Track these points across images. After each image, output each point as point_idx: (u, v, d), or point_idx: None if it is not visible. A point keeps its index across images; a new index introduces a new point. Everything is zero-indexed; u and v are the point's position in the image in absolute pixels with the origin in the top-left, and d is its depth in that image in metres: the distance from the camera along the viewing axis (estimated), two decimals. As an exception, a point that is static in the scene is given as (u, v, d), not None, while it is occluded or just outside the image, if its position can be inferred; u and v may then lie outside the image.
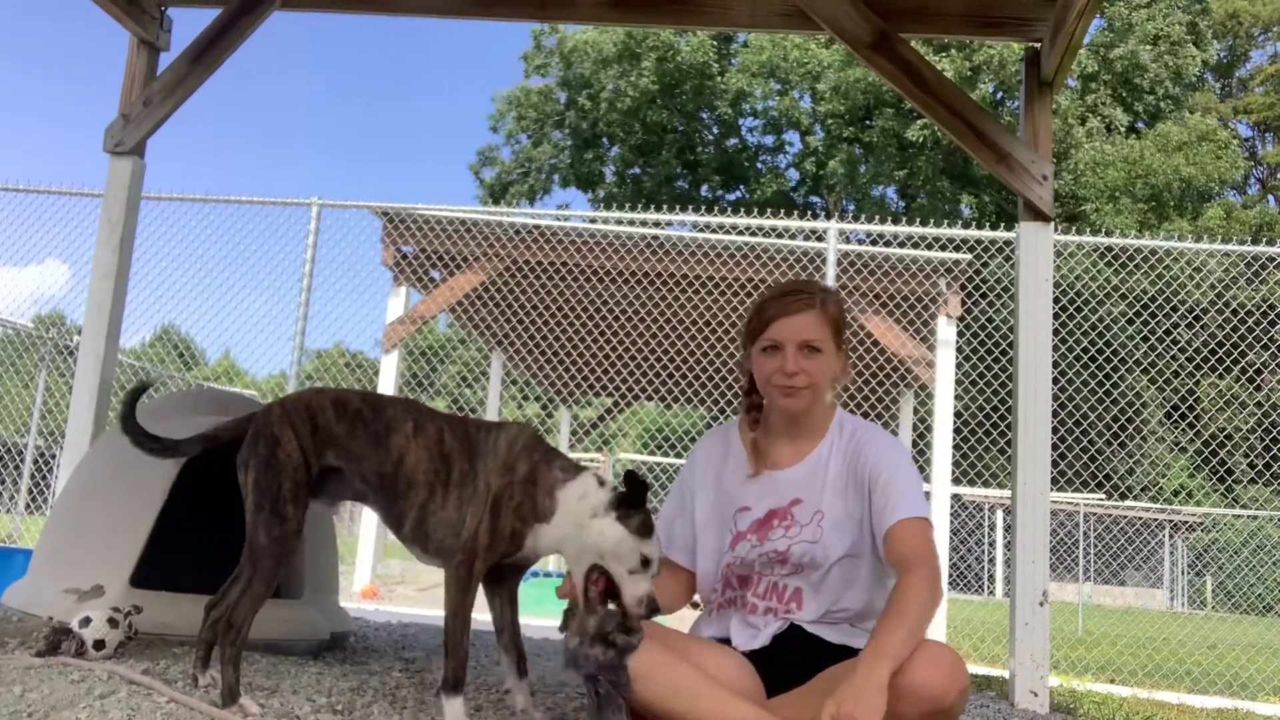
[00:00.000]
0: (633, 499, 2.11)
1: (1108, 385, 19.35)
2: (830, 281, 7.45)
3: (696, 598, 2.48)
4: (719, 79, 32.67)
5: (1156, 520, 22.79)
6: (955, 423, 8.28)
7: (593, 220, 9.66)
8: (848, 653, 2.16)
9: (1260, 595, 19.98)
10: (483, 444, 2.28)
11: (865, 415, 11.63)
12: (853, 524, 2.25)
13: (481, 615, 2.29)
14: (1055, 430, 4.27)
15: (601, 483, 2.18)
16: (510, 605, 2.39)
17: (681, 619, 2.41)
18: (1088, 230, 24.37)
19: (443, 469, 2.25)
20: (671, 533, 2.44)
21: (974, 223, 8.95)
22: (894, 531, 2.16)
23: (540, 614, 6.33)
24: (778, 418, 2.37)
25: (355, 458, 2.26)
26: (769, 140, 35.93)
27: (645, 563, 2.10)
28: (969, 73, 28.44)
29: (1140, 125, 31.95)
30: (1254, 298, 17.87)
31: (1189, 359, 20.17)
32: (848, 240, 8.31)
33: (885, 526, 2.18)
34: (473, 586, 2.20)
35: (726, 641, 2.30)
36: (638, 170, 35.18)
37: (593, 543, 2.11)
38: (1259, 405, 24.01)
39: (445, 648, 2.20)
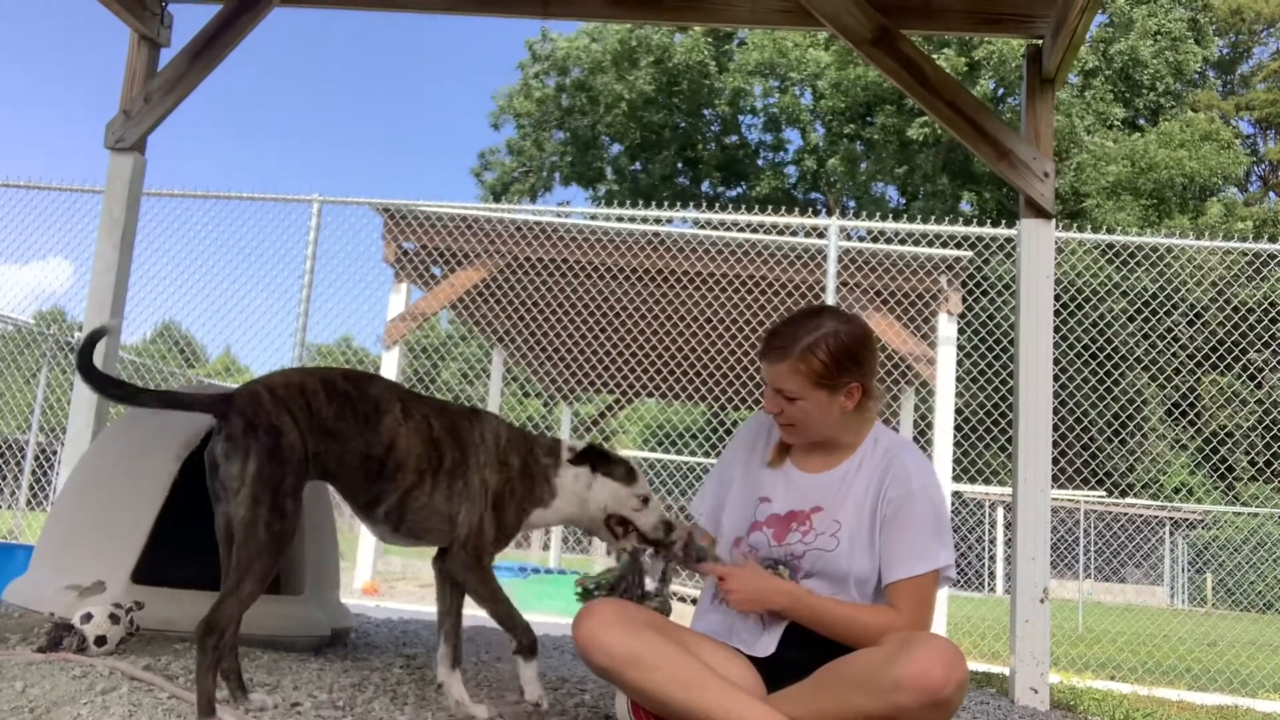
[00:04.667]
0: (604, 456, 2.42)
1: (1109, 382, 19.36)
2: (831, 279, 7.44)
3: None
4: (716, 77, 32.68)
5: (1157, 517, 22.79)
6: (956, 420, 8.28)
7: (593, 217, 9.65)
8: (848, 649, 2.16)
9: (1260, 593, 19.97)
10: (468, 434, 2.33)
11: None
12: (868, 544, 2.26)
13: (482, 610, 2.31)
14: (1056, 427, 4.27)
15: (574, 455, 2.42)
16: (458, 593, 2.43)
17: (683, 614, 2.41)
18: (1089, 227, 24.35)
19: (434, 456, 2.26)
20: (706, 501, 2.51)
21: (975, 219, 8.94)
22: (894, 589, 2.23)
23: (540, 610, 6.34)
24: None
25: (340, 439, 2.17)
26: (769, 137, 35.95)
27: (644, 500, 2.40)
28: (966, 69, 28.40)
29: (1141, 121, 31.92)
30: (1255, 295, 17.86)
31: (1190, 356, 20.17)
32: (849, 237, 8.30)
33: (889, 578, 2.23)
34: (490, 572, 2.34)
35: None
36: (638, 167, 35.18)
37: (597, 503, 2.40)
38: (1259, 403, 23.99)
39: (505, 625, 2.34)
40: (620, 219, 8.78)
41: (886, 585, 2.23)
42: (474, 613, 2.46)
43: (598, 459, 2.43)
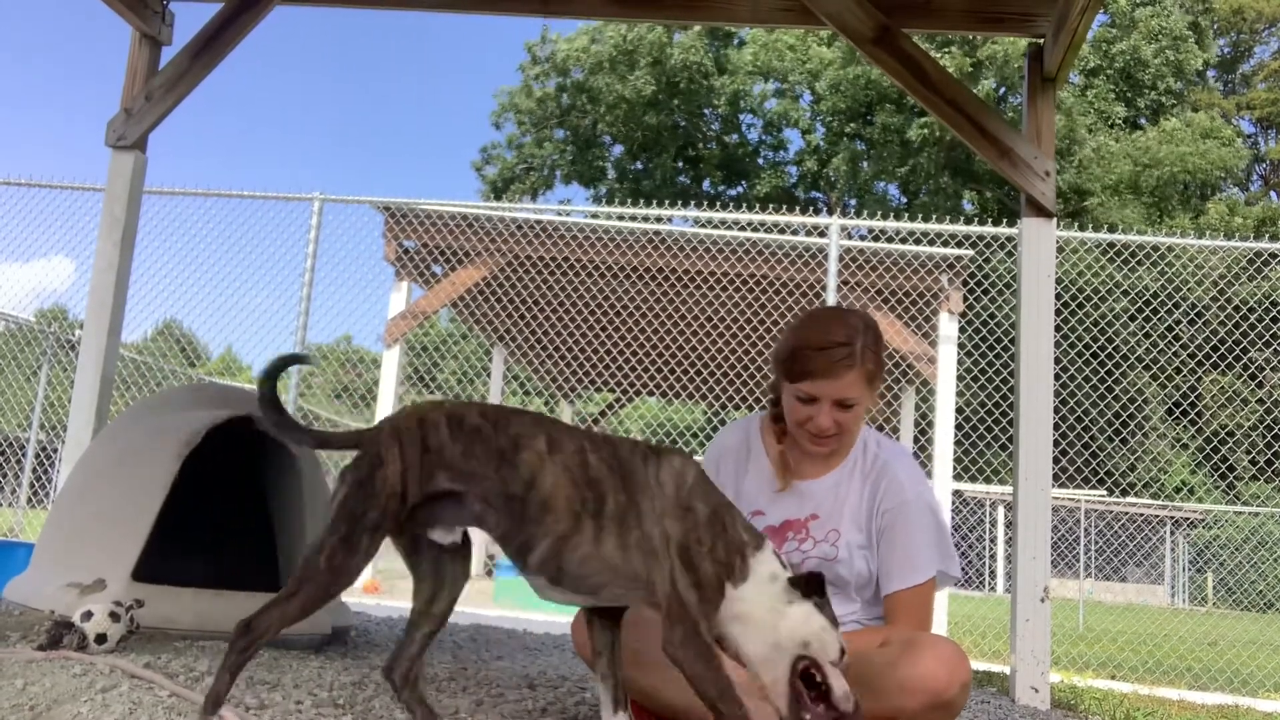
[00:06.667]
0: (817, 587, 1.91)
1: (1109, 381, 19.35)
2: (832, 278, 7.44)
3: None
4: (714, 78, 32.72)
5: (1158, 517, 22.78)
6: (957, 419, 8.28)
7: (594, 215, 9.65)
8: None
9: (1261, 592, 19.97)
10: (641, 474, 1.95)
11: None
12: (866, 552, 2.27)
13: (486, 610, 2.28)
14: (1057, 426, 4.27)
15: (781, 561, 1.95)
16: (611, 629, 2.07)
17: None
18: (1090, 226, 24.36)
19: (590, 497, 1.92)
20: None
21: (976, 218, 8.94)
22: (893, 599, 2.23)
23: (541, 609, 6.34)
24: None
25: (472, 478, 1.94)
26: (769, 137, 35.99)
27: (843, 653, 1.90)
28: (970, 69, 28.42)
29: (1142, 121, 31.95)
30: (1256, 294, 17.87)
31: (1190, 355, 20.16)
32: (850, 236, 8.30)
33: (888, 589, 2.23)
34: (712, 650, 1.86)
35: None
36: (639, 166, 35.22)
37: (792, 631, 1.86)
38: (1260, 402, 23.99)
39: (715, 710, 1.84)
40: (621, 218, 8.78)
41: (885, 596, 2.24)
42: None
43: (818, 589, 1.91)
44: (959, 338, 8.32)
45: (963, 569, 21.36)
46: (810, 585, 1.89)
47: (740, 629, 1.88)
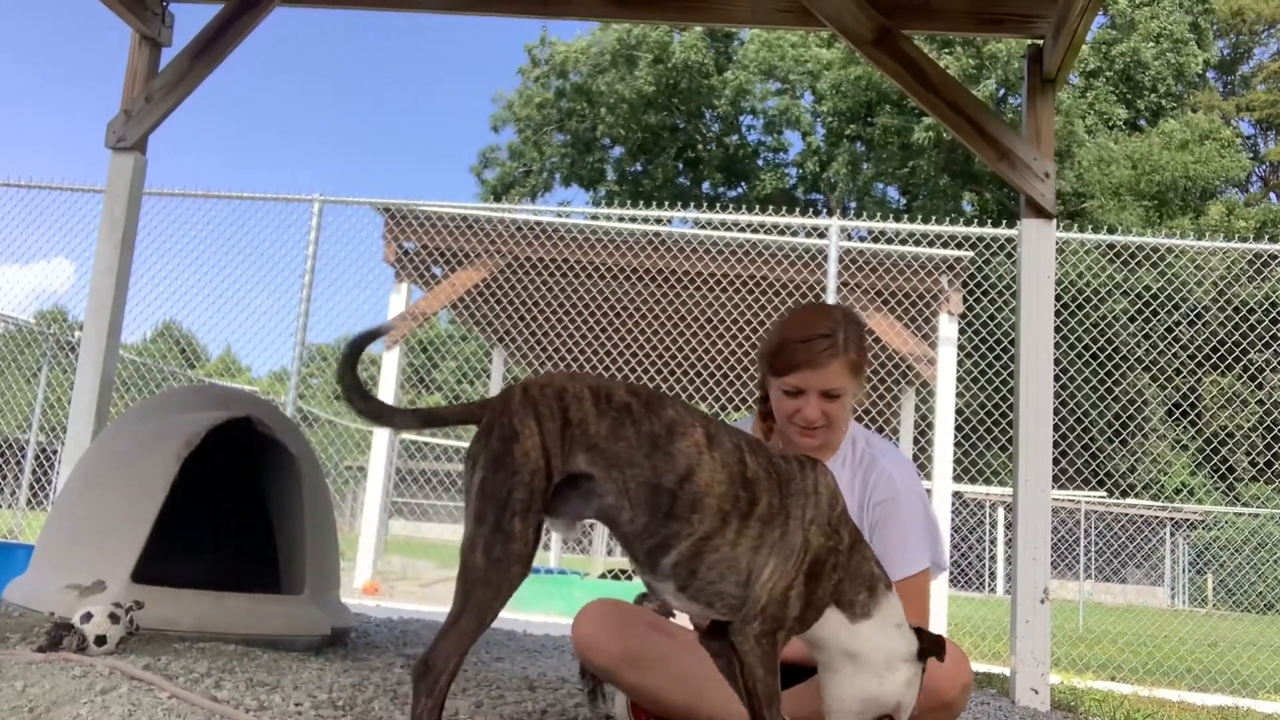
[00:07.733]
0: (938, 651, 1.88)
1: (1109, 383, 19.34)
2: (832, 279, 7.45)
3: None
4: (715, 77, 32.74)
5: (1158, 518, 22.76)
6: (956, 420, 8.27)
7: (594, 217, 9.65)
8: None
9: (1261, 593, 19.95)
10: (798, 481, 1.84)
11: (866, 412, 11.62)
12: None
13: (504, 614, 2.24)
14: (1056, 428, 4.27)
15: (921, 633, 1.90)
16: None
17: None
18: (1090, 227, 24.37)
19: (744, 498, 1.76)
20: None
21: (976, 220, 8.95)
22: None
23: (541, 610, 6.35)
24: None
25: (616, 462, 1.72)
26: (770, 138, 35.99)
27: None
28: (973, 70, 28.45)
29: (1142, 123, 31.98)
30: (1256, 295, 17.86)
31: (1190, 356, 20.17)
32: (849, 237, 8.30)
33: None
34: (779, 660, 1.78)
35: None
36: (639, 168, 35.22)
37: (892, 690, 1.83)
38: (1260, 403, 23.99)
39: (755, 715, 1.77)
40: (621, 219, 8.78)
41: None
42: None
43: (935, 648, 1.88)
44: (959, 339, 8.31)
45: (963, 570, 21.40)
46: (934, 648, 1.86)
47: (850, 668, 1.83)
